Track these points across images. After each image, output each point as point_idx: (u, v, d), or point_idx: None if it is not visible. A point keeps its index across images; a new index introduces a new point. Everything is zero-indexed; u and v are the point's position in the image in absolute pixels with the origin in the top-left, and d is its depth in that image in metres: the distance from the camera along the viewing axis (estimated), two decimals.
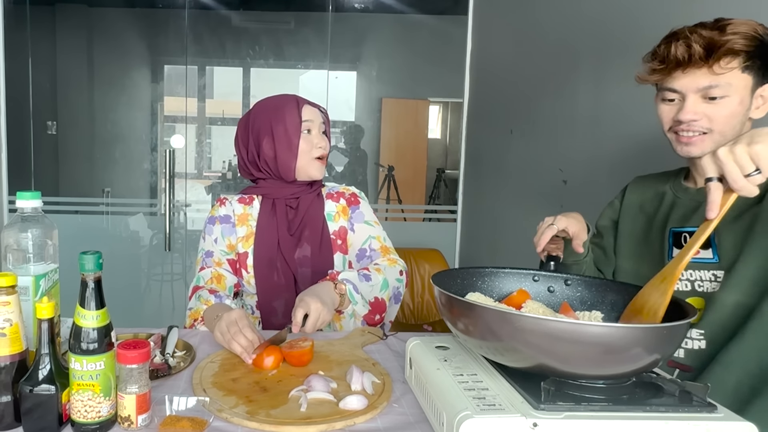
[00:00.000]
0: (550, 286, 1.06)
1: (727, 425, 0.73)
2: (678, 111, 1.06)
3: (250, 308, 1.48)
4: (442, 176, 4.60)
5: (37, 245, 0.96)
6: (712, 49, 0.99)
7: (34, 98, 3.27)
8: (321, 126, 1.44)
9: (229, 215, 1.47)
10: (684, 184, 1.19)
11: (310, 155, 1.42)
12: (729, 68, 1.00)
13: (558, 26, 2.22)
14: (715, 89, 1.01)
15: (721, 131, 1.04)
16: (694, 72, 1.02)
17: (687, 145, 1.07)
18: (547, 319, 0.75)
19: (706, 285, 1.09)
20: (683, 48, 1.01)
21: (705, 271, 1.09)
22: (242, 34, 3.61)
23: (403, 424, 0.88)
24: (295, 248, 1.43)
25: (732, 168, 0.76)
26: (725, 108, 1.02)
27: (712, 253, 1.08)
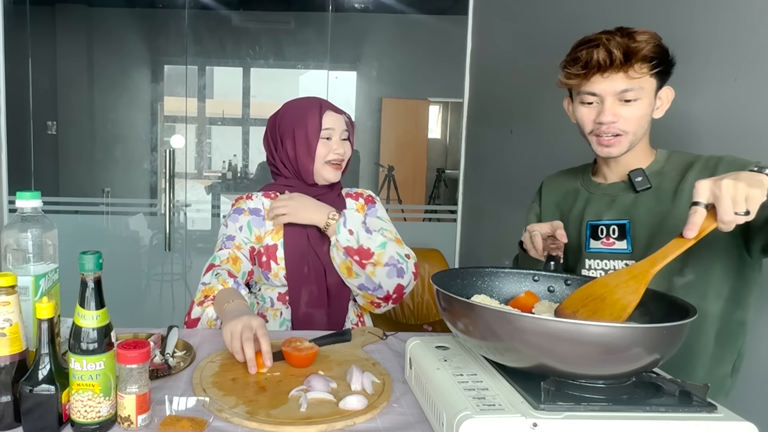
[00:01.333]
0: (550, 286, 1.06)
1: (727, 425, 0.73)
2: (598, 113, 1.14)
3: (269, 300, 1.48)
4: (442, 176, 4.60)
5: (37, 245, 0.96)
6: (629, 55, 1.08)
7: (34, 98, 3.27)
8: (343, 133, 1.48)
9: (258, 208, 1.50)
10: (594, 179, 1.28)
11: (324, 159, 1.47)
12: (642, 73, 1.09)
13: (558, 26, 2.22)
14: (630, 92, 1.10)
15: (635, 131, 1.13)
16: (612, 76, 1.10)
17: (608, 147, 1.15)
18: (547, 319, 0.75)
19: None
20: (604, 53, 1.09)
21: (618, 261, 1.17)
22: (242, 34, 3.61)
23: (403, 424, 0.88)
24: (323, 242, 1.47)
25: (727, 202, 0.78)
26: (638, 110, 1.12)
27: (626, 245, 1.17)
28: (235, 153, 3.79)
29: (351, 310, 1.53)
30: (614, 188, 1.22)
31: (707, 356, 1.11)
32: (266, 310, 1.48)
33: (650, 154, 1.21)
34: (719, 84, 1.38)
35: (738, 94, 1.33)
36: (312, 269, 1.45)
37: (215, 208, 3.62)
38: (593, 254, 1.21)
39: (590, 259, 1.22)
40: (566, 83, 1.19)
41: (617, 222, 1.18)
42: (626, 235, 1.17)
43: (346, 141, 1.50)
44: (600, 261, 1.20)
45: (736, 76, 1.34)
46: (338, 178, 1.50)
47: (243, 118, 3.78)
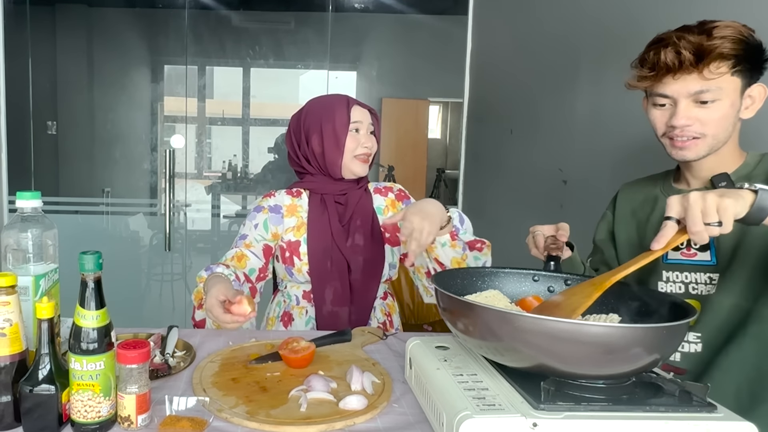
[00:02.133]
0: (550, 286, 1.06)
1: (727, 425, 0.73)
2: (671, 116, 1.07)
3: (294, 298, 1.48)
4: (442, 176, 4.60)
5: (37, 245, 0.96)
6: (702, 55, 1.00)
7: (34, 98, 3.27)
8: (369, 126, 1.48)
9: (279, 205, 1.50)
10: (675, 185, 1.20)
11: (353, 153, 1.46)
12: (719, 73, 1.01)
13: (558, 26, 2.22)
14: (706, 94, 1.02)
15: (714, 134, 1.05)
16: (684, 77, 1.03)
17: (682, 150, 1.08)
18: (547, 319, 0.75)
19: (701, 288, 1.09)
20: (673, 54, 1.02)
21: (701, 274, 1.09)
22: (242, 34, 3.61)
23: (403, 424, 0.88)
24: (347, 238, 1.47)
25: (696, 213, 0.77)
26: (717, 111, 1.03)
27: (710, 256, 1.08)
28: (235, 153, 3.79)
29: (378, 308, 1.51)
30: None
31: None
32: (292, 308, 1.48)
33: (739, 157, 1.11)
34: None
35: None
36: (335, 265, 1.44)
37: (215, 208, 3.62)
38: (672, 266, 1.12)
39: (668, 271, 1.13)
40: (636, 86, 1.11)
41: None
42: (710, 246, 1.08)
43: (373, 135, 1.50)
44: (680, 273, 1.11)
45: None
46: (366, 172, 1.49)
47: (243, 118, 3.78)
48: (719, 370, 1.02)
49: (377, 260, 1.48)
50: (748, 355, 1.00)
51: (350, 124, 1.44)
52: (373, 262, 1.47)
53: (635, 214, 1.25)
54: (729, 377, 1.01)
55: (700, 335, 1.07)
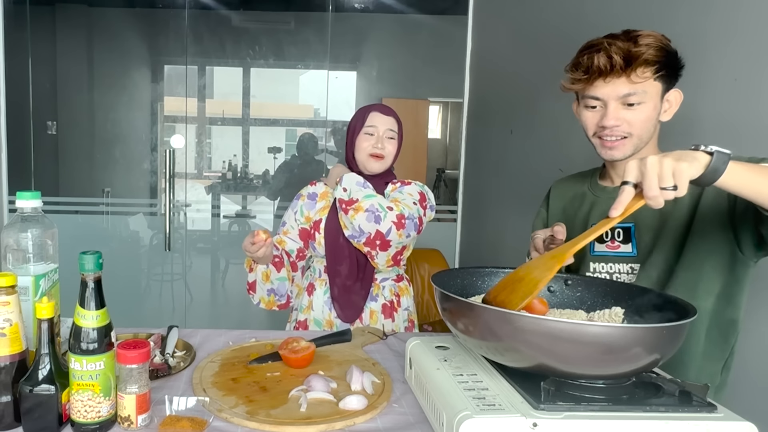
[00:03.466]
0: (551, 286, 1.06)
1: (727, 425, 0.73)
2: (601, 117, 1.14)
3: (318, 271, 1.69)
4: (442, 176, 4.60)
5: (37, 245, 0.96)
6: (630, 60, 1.08)
7: (34, 98, 3.27)
8: (387, 132, 1.67)
9: (315, 193, 1.73)
10: (600, 183, 1.28)
11: (366, 152, 1.65)
12: (644, 77, 1.09)
13: (558, 26, 2.22)
14: (633, 96, 1.10)
15: (639, 135, 1.13)
16: (614, 81, 1.11)
17: (611, 149, 1.16)
18: (547, 319, 0.75)
19: (624, 277, 1.18)
20: (605, 59, 1.09)
21: (623, 264, 1.18)
22: (242, 34, 3.61)
23: (403, 424, 0.88)
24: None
25: (652, 177, 0.79)
26: (642, 113, 1.12)
27: (631, 248, 1.17)
28: (235, 153, 3.79)
29: (387, 287, 1.67)
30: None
31: (698, 354, 1.12)
32: (315, 280, 1.68)
33: None
34: (721, 84, 1.37)
35: (739, 94, 1.33)
36: (346, 240, 1.62)
37: (215, 208, 3.62)
38: (598, 257, 1.22)
39: (595, 262, 1.22)
40: (569, 88, 1.20)
41: (622, 225, 1.18)
42: (631, 239, 1.17)
43: (391, 139, 1.68)
44: (605, 264, 1.20)
45: (736, 76, 1.34)
46: (380, 169, 1.66)
47: (243, 118, 3.78)
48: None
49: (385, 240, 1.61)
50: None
51: (365, 127, 1.66)
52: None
53: (566, 210, 1.34)
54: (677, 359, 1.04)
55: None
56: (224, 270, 3.66)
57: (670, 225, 1.12)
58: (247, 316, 3.52)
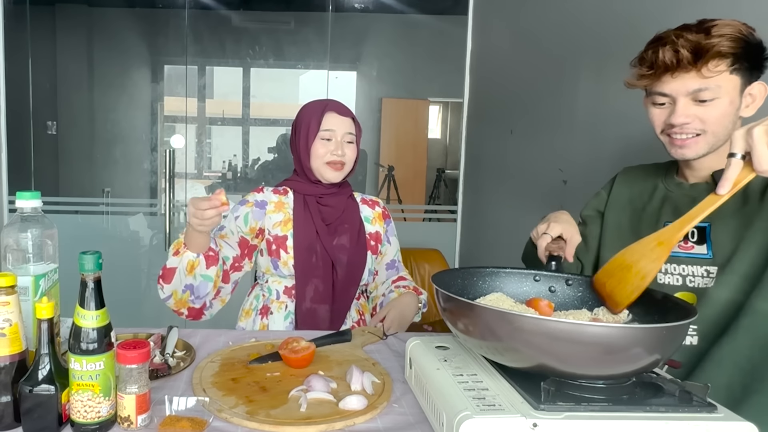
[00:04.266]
0: (551, 286, 1.06)
1: (727, 425, 0.73)
2: (669, 114, 1.07)
3: (275, 292, 1.49)
4: (442, 176, 4.60)
5: (36, 245, 0.96)
6: (700, 53, 1.00)
7: (34, 98, 3.27)
8: (345, 135, 1.50)
9: (265, 201, 1.53)
10: (676, 178, 1.19)
11: (323, 160, 1.48)
12: (717, 71, 1.00)
13: (558, 26, 2.22)
14: (705, 92, 1.02)
15: (714, 132, 1.05)
16: (683, 76, 1.03)
17: (681, 148, 1.08)
18: (547, 320, 0.75)
19: (698, 281, 1.09)
20: (671, 53, 1.02)
21: (698, 267, 1.09)
22: (242, 34, 3.61)
23: (403, 424, 0.88)
24: (333, 236, 1.51)
25: (763, 149, 0.75)
26: (716, 109, 1.03)
27: (706, 249, 1.09)
28: (235, 153, 3.79)
29: (353, 308, 1.54)
30: (696, 189, 1.13)
31: None
32: (271, 302, 1.49)
33: None
34: None
35: None
36: (320, 260, 1.47)
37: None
38: (670, 258, 1.12)
39: (667, 263, 1.13)
40: (634, 84, 1.11)
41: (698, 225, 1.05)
42: (706, 239, 1.08)
43: (351, 144, 1.51)
44: (677, 266, 1.11)
45: None
46: (339, 178, 1.51)
47: (243, 118, 3.78)
48: (712, 363, 1.02)
49: (360, 263, 1.53)
50: (740, 347, 1.00)
51: (320, 132, 1.48)
52: (356, 264, 1.52)
53: (632, 201, 1.25)
54: (722, 370, 1.01)
55: (696, 328, 1.07)
56: None
57: (757, 226, 1.02)
58: None
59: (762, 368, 0.99)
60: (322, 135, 1.48)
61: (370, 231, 1.60)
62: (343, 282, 1.49)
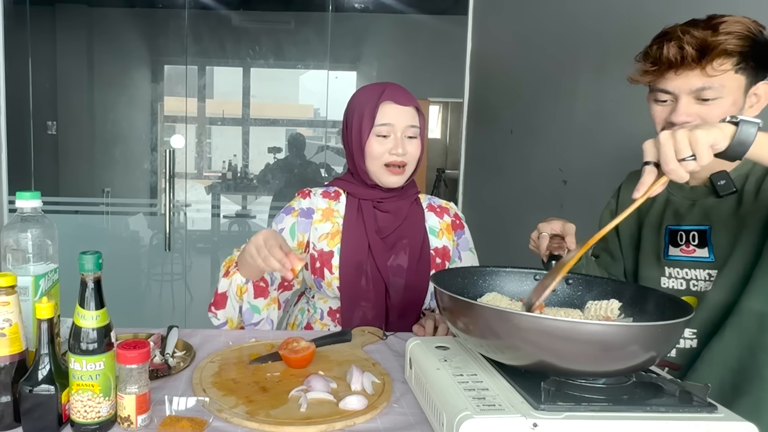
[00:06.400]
0: None
1: (727, 425, 0.73)
2: (671, 112, 1.05)
3: (319, 312, 1.34)
4: (442, 176, 4.60)
5: (36, 245, 0.96)
6: (705, 51, 0.98)
7: (34, 98, 3.27)
8: (407, 129, 1.27)
9: (312, 209, 1.32)
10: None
11: (380, 161, 1.27)
12: (722, 70, 0.98)
13: (558, 26, 2.22)
14: (708, 91, 1.00)
15: None
16: (686, 73, 1.01)
17: None
18: (544, 318, 0.75)
19: (701, 284, 1.09)
20: (675, 49, 1.00)
21: (700, 270, 1.09)
22: (242, 34, 3.61)
23: (403, 424, 0.88)
24: (388, 255, 1.30)
25: (668, 151, 0.77)
26: (718, 109, 1.01)
27: (707, 252, 1.08)
28: (235, 153, 3.79)
29: None
30: (695, 192, 1.12)
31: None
32: (315, 321, 1.34)
33: None
34: None
35: None
36: (371, 283, 1.27)
37: (215, 208, 3.62)
38: (673, 262, 1.12)
39: (670, 267, 1.13)
40: (638, 80, 1.08)
41: (697, 228, 1.09)
42: (707, 243, 1.07)
43: (413, 139, 1.29)
44: (680, 269, 1.11)
45: None
46: (400, 183, 1.29)
47: (243, 118, 3.78)
48: (704, 363, 1.03)
49: (420, 287, 1.29)
50: (729, 347, 1.00)
51: (375, 127, 1.25)
52: (416, 288, 1.29)
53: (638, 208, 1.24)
54: (713, 370, 1.01)
55: (695, 331, 1.07)
56: None
57: (749, 224, 1.01)
58: None
59: (750, 368, 0.99)
60: (378, 131, 1.25)
61: (436, 246, 1.35)
62: (398, 308, 1.29)
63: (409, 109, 1.28)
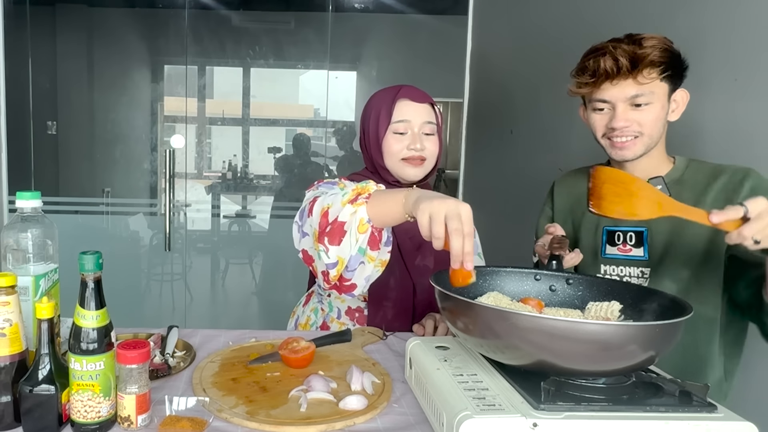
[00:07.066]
0: (552, 285, 1.06)
1: (727, 425, 0.73)
2: (610, 119, 1.16)
3: (336, 311, 1.32)
4: (442, 176, 4.60)
5: (37, 245, 0.96)
6: (636, 62, 1.09)
7: (34, 98, 3.27)
8: (423, 126, 1.28)
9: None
10: None
11: (398, 156, 1.27)
12: (651, 78, 1.11)
13: (558, 26, 2.22)
14: (641, 97, 1.12)
15: (650, 134, 1.14)
16: (621, 83, 1.12)
17: (621, 150, 1.16)
18: (544, 317, 0.76)
19: (634, 281, 1.19)
20: (611, 62, 1.11)
21: (634, 268, 1.19)
22: (242, 34, 3.61)
23: (403, 424, 0.88)
24: (416, 255, 1.30)
25: (759, 226, 0.83)
26: (651, 113, 1.13)
27: (643, 252, 1.19)
28: (235, 153, 3.79)
29: None
30: None
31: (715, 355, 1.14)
32: (332, 321, 1.32)
33: (668, 161, 1.22)
34: (722, 85, 1.37)
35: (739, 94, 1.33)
36: (399, 283, 1.26)
37: (215, 208, 3.62)
38: (609, 260, 1.23)
39: (606, 264, 1.23)
40: (577, 92, 1.20)
41: (635, 229, 1.20)
42: (644, 243, 1.18)
43: (431, 136, 1.30)
44: (616, 267, 1.22)
45: (737, 76, 1.34)
46: (421, 175, 1.29)
47: (243, 118, 3.78)
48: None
49: None
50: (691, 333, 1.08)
51: (392, 124, 1.26)
52: None
53: (573, 210, 1.33)
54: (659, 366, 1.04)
55: None
56: (224, 270, 3.66)
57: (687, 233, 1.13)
58: (247, 316, 3.52)
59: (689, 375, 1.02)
60: (395, 128, 1.27)
61: None
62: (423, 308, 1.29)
63: (425, 106, 1.30)
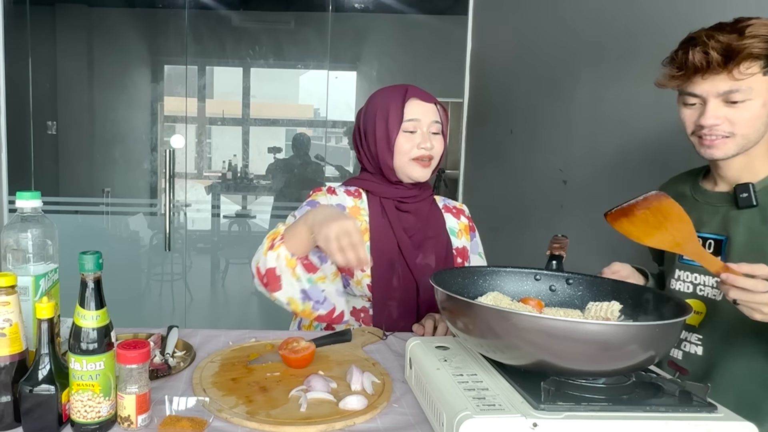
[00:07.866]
0: (552, 285, 1.06)
1: (727, 425, 0.73)
2: (699, 115, 1.05)
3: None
4: (442, 176, 4.60)
5: (37, 245, 0.96)
6: (731, 55, 0.98)
7: (34, 98, 3.27)
8: (431, 125, 1.30)
9: (342, 205, 1.31)
10: (702, 185, 1.18)
11: (408, 156, 1.29)
12: (749, 73, 0.99)
13: (558, 26, 2.22)
14: (736, 94, 1.00)
15: (744, 134, 1.03)
16: (713, 77, 1.01)
17: (710, 148, 1.06)
18: (543, 317, 0.76)
19: (708, 290, 1.10)
20: (700, 55, 1.00)
21: (709, 277, 1.10)
22: (242, 34, 3.61)
23: (403, 424, 0.88)
24: (417, 253, 1.32)
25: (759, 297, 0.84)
26: (747, 111, 1.01)
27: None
28: (235, 153, 3.79)
29: None
30: (720, 198, 1.13)
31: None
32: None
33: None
34: None
35: None
36: (402, 282, 1.28)
37: (215, 208, 3.62)
38: (685, 266, 1.15)
39: (681, 270, 1.15)
40: (665, 84, 1.09)
41: (715, 236, 1.10)
42: (721, 252, 1.09)
43: (437, 135, 1.32)
44: (690, 273, 1.13)
45: None
46: (426, 176, 1.32)
47: (243, 118, 3.78)
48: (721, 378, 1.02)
49: None
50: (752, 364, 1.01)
51: (404, 123, 1.28)
52: None
53: None
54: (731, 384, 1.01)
55: (701, 338, 1.07)
56: (224, 270, 3.66)
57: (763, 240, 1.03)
58: (247, 316, 3.52)
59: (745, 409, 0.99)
60: (406, 126, 1.28)
61: (457, 246, 1.38)
62: (426, 307, 1.30)
63: (432, 105, 1.32)
